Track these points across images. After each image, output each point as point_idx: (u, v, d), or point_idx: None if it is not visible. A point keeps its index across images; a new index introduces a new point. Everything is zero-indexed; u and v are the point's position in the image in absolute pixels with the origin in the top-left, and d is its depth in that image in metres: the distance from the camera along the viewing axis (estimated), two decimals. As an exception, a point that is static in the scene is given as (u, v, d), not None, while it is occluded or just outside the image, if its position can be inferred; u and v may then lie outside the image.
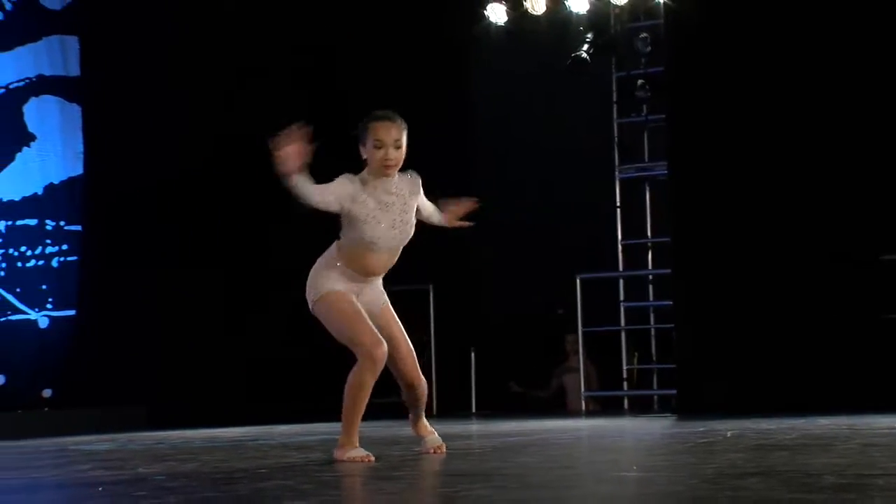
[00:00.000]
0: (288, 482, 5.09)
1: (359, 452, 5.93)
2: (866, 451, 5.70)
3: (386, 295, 6.27)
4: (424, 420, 6.46)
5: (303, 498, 4.48)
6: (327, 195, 5.93)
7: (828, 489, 4.07)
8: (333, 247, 6.16)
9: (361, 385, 5.93)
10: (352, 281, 6.09)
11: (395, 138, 6.00)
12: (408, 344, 6.25)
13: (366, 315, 6.04)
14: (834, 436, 6.83)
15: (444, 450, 6.31)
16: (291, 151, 5.74)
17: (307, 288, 6.14)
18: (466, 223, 6.55)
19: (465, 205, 6.48)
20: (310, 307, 6.13)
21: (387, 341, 6.04)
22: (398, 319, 6.26)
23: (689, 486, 4.47)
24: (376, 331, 6.00)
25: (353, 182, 6.00)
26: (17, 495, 5.22)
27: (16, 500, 4.99)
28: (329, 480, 5.25)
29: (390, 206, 6.05)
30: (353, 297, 6.08)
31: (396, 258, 6.19)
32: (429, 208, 6.40)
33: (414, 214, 6.17)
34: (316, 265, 6.16)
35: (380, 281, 6.25)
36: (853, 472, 4.70)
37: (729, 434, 7.22)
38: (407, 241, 6.15)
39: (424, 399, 6.37)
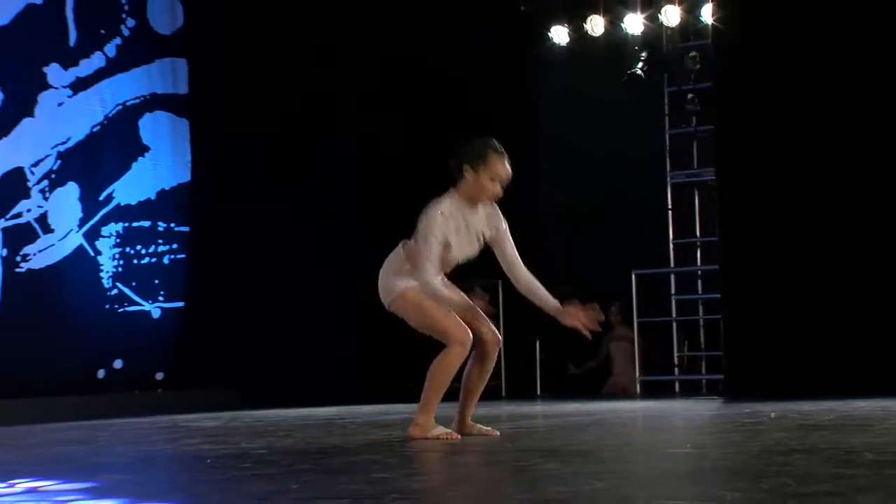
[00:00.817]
0: (375, 456, 5.09)
1: (444, 430, 5.92)
2: (901, 431, 5.63)
3: None
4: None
5: (389, 470, 4.47)
6: (433, 259, 5.75)
7: (868, 465, 4.01)
8: (398, 253, 6.01)
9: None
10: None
11: (508, 176, 5.83)
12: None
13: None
14: (870, 417, 6.73)
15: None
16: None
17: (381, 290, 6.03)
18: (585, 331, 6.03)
19: (587, 315, 6.00)
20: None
21: None
22: None
23: (739, 461, 4.43)
24: None
25: (445, 220, 5.79)
26: (136, 466, 5.26)
27: (135, 471, 5.03)
28: (411, 455, 5.24)
29: (470, 227, 5.87)
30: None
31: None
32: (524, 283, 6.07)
33: (481, 242, 5.92)
34: (385, 269, 6.00)
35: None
36: (891, 449, 4.63)
37: (773, 415, 7.14)
38: (470, 259, 5.95)
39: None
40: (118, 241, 11.19)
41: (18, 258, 10.40)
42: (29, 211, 10.51)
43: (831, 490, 3.40)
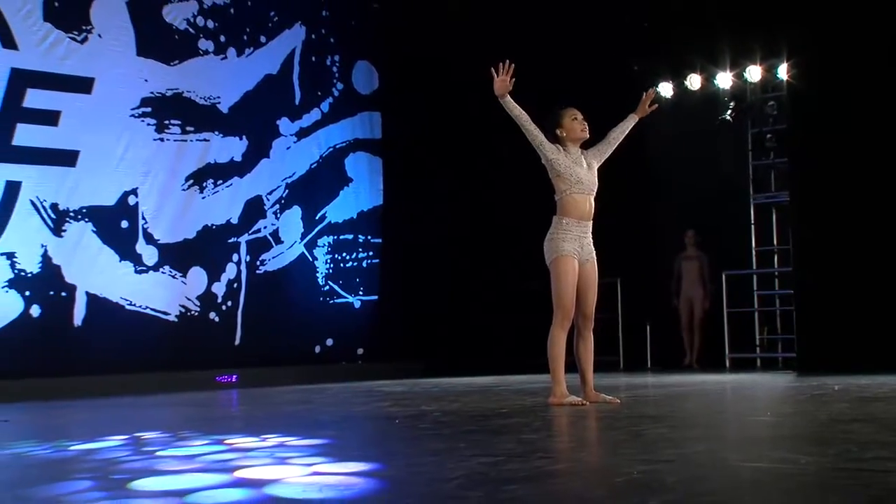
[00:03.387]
0: (524, 419, 5.04)
1: (575, 398, 5.84)
2: (945, 404, 5.35)
3: (595, 254, 5.97)
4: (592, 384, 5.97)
5: (535, 432, 4.44)
6: (532, 123, 5.85)
7: (917, 435, 3.82)
8: (553, 220, 5.94)
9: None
10: (574, 234, 5.86)
11: (582, 115, 6.00)
12: (595, 291, 5.96)
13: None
14: (917, 391, 6.43)
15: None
16: (499, 81, 5.76)
17: (545, 252, 5.91)
18: (653, 106, 6.25)
19: (647, 96, 6.24)
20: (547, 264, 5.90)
21: (581, 282, 5.82)
22: (596, 273, 5.99)
23: (809, 429, 4.27)
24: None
25: (553, 144, 5.93)
26: (342, 424, 5.33)
27: (341, 428, 5.09)
28: (551, 419, 5.19)
29: (579, 163, 5.93)
30: (576, 262, 5.84)
31: (594, 208, 5.94)
32: (615, 133, 6.15)
33: (596, 171, 5.99)
34: (547, 237, 5.92)
35: (590, 238, 5.94)
36: (935, 422, 4.41)
37: (836, 387, 6.87)
38: (595, 190, 5.94)
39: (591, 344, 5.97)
40: (329, 249, 11.38)
41: (258, 263, 10.67)
42: (265, 228, 10.77)
43: (888, 456, 3.25)
